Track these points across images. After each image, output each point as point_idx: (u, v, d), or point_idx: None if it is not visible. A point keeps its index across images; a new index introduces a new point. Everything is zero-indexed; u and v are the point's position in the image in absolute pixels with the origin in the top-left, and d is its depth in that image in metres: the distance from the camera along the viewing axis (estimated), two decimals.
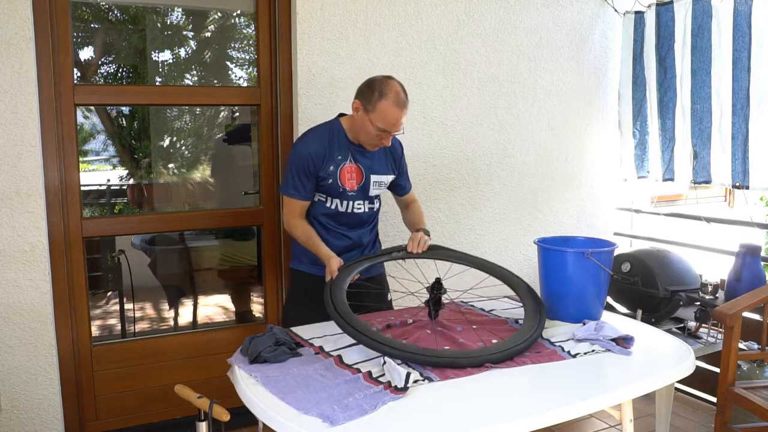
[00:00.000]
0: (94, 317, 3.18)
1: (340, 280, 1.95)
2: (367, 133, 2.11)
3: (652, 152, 3.42)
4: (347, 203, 2.22)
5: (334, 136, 2.18)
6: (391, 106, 2.05)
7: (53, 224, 2.52)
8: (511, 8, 3.20)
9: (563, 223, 3.52)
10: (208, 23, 3.69)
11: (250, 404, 1.52)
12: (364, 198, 2.25)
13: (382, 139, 2.11)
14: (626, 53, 3.48)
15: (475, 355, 1.69)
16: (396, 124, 2.08)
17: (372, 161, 2.23)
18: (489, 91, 3.20)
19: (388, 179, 2.31)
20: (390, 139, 2.15)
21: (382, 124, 2.07)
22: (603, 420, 3.00)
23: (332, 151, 2.16)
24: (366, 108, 2.08)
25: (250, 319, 3.61)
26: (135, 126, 3.80)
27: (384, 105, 2.05)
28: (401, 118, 2.08)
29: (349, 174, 2.19)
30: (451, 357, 1.67)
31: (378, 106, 2.05)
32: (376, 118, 2.06)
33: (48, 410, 2.51)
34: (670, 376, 1.76)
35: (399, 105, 2.06)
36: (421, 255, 2.17)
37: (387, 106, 2.05)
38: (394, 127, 2.08)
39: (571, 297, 2.05)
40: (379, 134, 2.09)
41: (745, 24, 2.84)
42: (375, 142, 2.13)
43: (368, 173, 2.22)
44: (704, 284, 2.90)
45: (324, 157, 2.15)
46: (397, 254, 2.18)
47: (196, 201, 3.84)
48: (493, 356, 1.69)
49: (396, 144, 2.32)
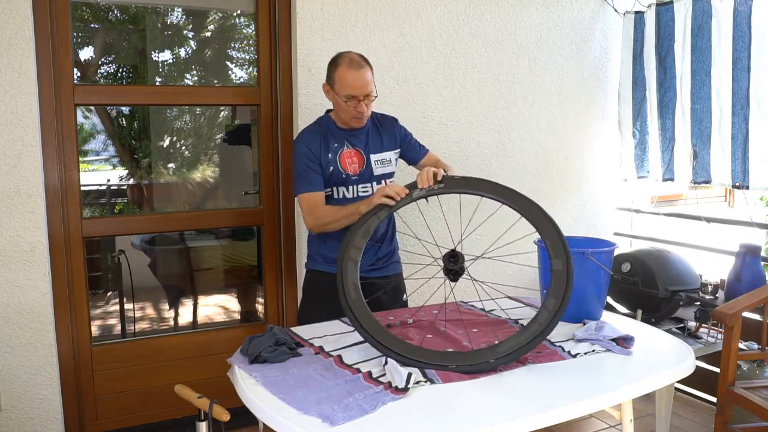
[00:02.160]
0: (94, 317, 3.18)
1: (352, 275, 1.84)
2: (341, 108, 2.17)
3: (652, 152, 3.42)
4: (352, 188, 2.24)
5: (326, 129, 2.25)
6: (346, 70, 2.11)
7: (53, 224, 2.52)
8: (511, 8, 3.20)
9: (563, 223, 3.52)
10: (208, 23, 3.69)
11: (250, 404, 1.52)
12: (370, 180, 2.26)
13: (356, 107, 2.14)
14: (626, 53, 3.48)
15: (484, 358, 1.65)
16: (358, 86, 2.11)
17: (367, 141, 2.27)
18: (489, 91, 3.20)
19: (390, 155, 2.32)
20: (365, 105, 2.15)
21: (346, 90, 2.11)
22: (603, 420, 3.00)
23: (327, 141, 2.22)
24: (330, 85, 2.17)
25: (250, 319, 3.61)
26: (135, 126, 3.80)
27: (340, 72, 2.12)
28: (361, 79, 2.11)
29: (349, 159, 2.22)
30: (461, 362, 1.64)
31: (336, 76, 2.13)
32: (339, 88, 2.13)
33: (48, 410, 2.51)
34: (670, 376, 1.76)
35: (353, 66, 2.11)
36: (444, 190, 1.99)
37: (342, 71, 2.11)
38: (357, 89, 2.11)
39: (571, 297, 2.04)
40: (350, 103, 2.13)
41: (745, 24, 2.84)
42: (353, 113, 2.16)
43: (367, 154, 2.26)
44: (704, 284, 2.90)
45: (320, 146, 2.20)
46: (418, 193, 1.97)
47: (196, 201, 3.84)
48: (502, 359, 1.65)
49: (387, 120, 2.36)
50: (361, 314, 1.75)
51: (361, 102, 2.14)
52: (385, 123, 2.35)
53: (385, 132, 2.32)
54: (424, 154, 2.43)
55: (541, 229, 1.88)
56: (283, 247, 2.96)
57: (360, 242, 1.90)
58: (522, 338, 1.69)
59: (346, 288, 1.80)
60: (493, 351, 1.66)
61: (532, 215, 1.90)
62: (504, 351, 1.66)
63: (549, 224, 1.87)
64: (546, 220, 1.88)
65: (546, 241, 1.85)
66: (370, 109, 2.21)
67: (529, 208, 1.92)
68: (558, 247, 1.82)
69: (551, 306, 1.73)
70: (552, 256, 1.82)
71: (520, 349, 1.66)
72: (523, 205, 1.93)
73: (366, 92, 2.13)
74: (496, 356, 1.64)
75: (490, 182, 1.99)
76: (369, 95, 2.14)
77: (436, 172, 1.98)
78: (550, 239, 1.85)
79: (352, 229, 1.93)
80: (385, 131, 2.32)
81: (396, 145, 2.35)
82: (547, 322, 1.70)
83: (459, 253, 1.85)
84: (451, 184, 2.01)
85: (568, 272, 1.77)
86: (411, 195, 1.98)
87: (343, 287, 1.80)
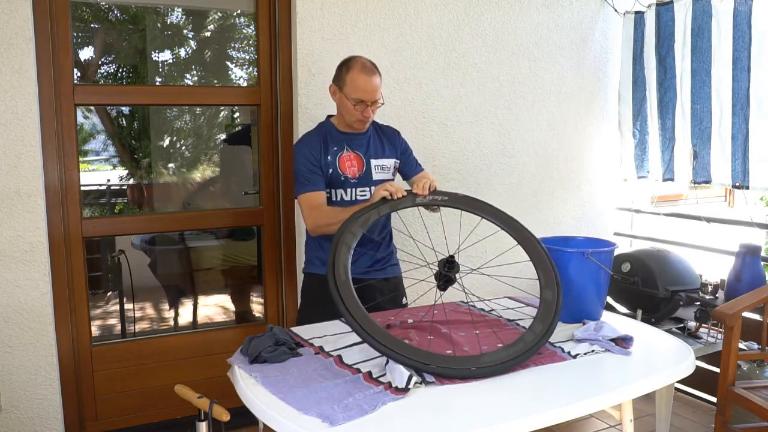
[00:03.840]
0: (94, 317, 3.18)
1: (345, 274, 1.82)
2: (348, 110, 2.19)
3: (652, 152, 3.42)
4: (351, 191, 2.25)
5: (326, 133, 2.27)
6: (358, 74, 2.15)
7: (53, 224, 2.52)
8: (511, 8, 3.20)
9: (563, 223, 3.52)
10: (208, 23, 3.69)
11: (250, 404, 1.52)
12: (369, 184, 2.27)
13: (363, 112, 2.18)
14: (626, 53, 3.48)
15: (467, 365, 1.65)
16: (368, 91, 2.15)
17: (368, 146, 2.29)
18: (489, 91, 3.20)
19: (390, 162, 2.34)
20: (372, 110, 2.20)
21: (356, 93, 2.15)
22: (603, 420, 3.00)
23: (327, 144, 2.24)
24: (339, 87, 2.20)
25: (250, 319, 3.61)
26: (135, 126, 3.80)
27: (352, 75, 2.15)
28: (371, 84, 2.16)
29: (348, 162, 2.24)
30: (443, 365, 1.63)
31: (347, 79, 2.16)
32: (349, 90, 2.16)
33: (48, 410, 2.51)
34: (670, 376, 1.76)
35: (366, 72, 2.16)
36: (446, 203, 2.06)
37: (354, 75, 2.15)
38: (367, 94, 2.15)
39: (571, 297, 2.04)
40: (358, 107, 2.16)
41: (745, 24, 2.84)
42: (358, 117, 2.19)
43: (368, 158, 2.28)
44: (704, 284, 2.90)
45: (320, 149, 2.22)
46: (421, 200, 2.04)
47: (196, 201, 3.84)
48: (483, 370, 1.65)
49: (390, 130, 2.39)
50: (346, 295, 1.74)
51: (369, 107, 2.18)
52: (388, 132, 2.39)
53: (386, 140, 2.36)
54: (418, 172, 2.45)
55: (536, 260, 1.96)
56: (283, 247, 2.96)
57: (357, 230, 1.89)
58: (506, 353, 1.69)
59: (336, 268, 1.78)
60: (477, 360, 1.65)
61: (530, 246, 1.98)
62: (487, 362, 1.66)
63: (544, 256, 1.95)
64: (542, 252, 1.96)
65: (539, 272, 1.92)
66: (375, 115, 2.25)
67: (527, 239, 2.00)
68: (551, 280, 1.89)
69: (538, 330, 1.77)
70: (543, 286, 1.89)
71: (503, 364, 1.66)
72: (522, 234, 2.01)
73: (375, 98, 2.18)
74: (478, 365, 1.64)
75: (492, 207, 2.08)
76: (377, 101, 2.20)
77: (432, 183, 2.08)
78: (543, 271, 1.91)
79: (351, 216, 1.93)
80: (387, 139, 2.36)
81: (396, 155, 2.37)
82: (532, 344, 1.73)
83: (456, 261, 1.88)
84: (455, 199, 2.08)
85: (557, 304, 1.84)
86: (414, 199, 2.04)
87: (333, 267, 1.77)
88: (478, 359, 1.66)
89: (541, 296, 1.86)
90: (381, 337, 1.63)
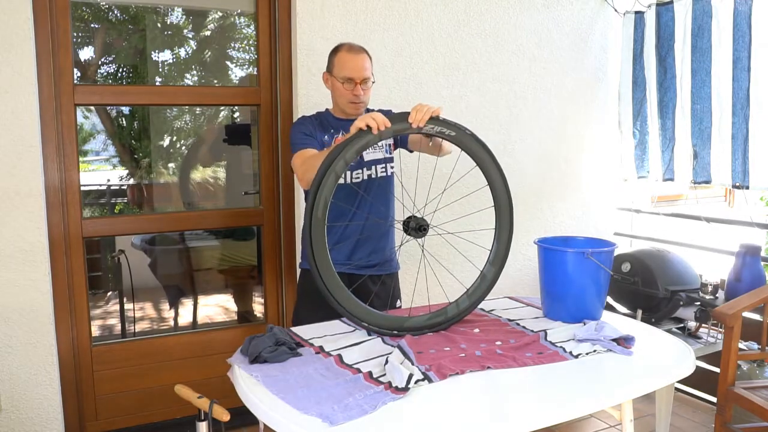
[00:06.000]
0: (94, 317, 3.18)
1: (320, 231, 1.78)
2: (339, 93, 2.21)
3: (652, 152, 3.42)
4: (345, 174, 2.22)
5: (323, 118, 2.31)
6: (345, 53, 2.19)
7: (53, 224, 2.52)
8: (511, 8, 3.20)
9: (563, 223, 3.52)
10: (208, 23, 3.69)
11: (250, 404, 1.52)
12: (361, 166, 2.25)
13: (353, 90, 2.19)
14: (626, 53, 3.48)
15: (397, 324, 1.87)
16: (355, 68, 2.17)
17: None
18: (489, 91, 3.20)
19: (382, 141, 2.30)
20: (363, 90, 2.19)
21: (343, 71, 2.17)
22: (603, 420, 3.00)
23: (324, 127, 2.27)
24: (330, 71, 2.24)
25: (250, 319, 3.61)
26: (135, 126, 3.80)
27: (339, 56, 2.20)
28: (358, 61, 2.17)
29: None
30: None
31: (335, 61, 2.21)
32: (338, 71, 2.19)
33: (48, 410, 2.51)
34: (670, 376, 1.76)
35: (352, 51, 2.20)
36: (445, 135, 2.00)
37: (341, 54, 2.20)
38: (354, 71, 2.17)
39: (571, 297, 2.04)
40: (347, 86, 2.18)
41: (745, 24, 2.84)
42: (349, 97, 2.20)
43: None
44: (704, 284, 2.90)
45: (316, 128, 2.24)
46: (410, 129, 1.89)
47: (196, 201, 3.84)
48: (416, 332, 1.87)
49: (382, 111, 2.32)
50: (317, 237, 1.76)
51: (358, 85, 2.18)
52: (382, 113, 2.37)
53: None
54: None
55: (500, 231, 2.02)
56: (283, 247, 2.96)
57: (352, 157, 1.79)
58: (431, 320, 1.92)
59: (317, 202, 1.73)
60: (406, 320, 1.88)
61: (502, 217, 2.03)
62: (412, 325, 1.89)
63: (508, 233, 2.03)
64: (508, 229, 2.03)
65: (496, 244, 2.01)
66: (368, 96, 2.24)
67: (503, 207, 2.03)
68: (500, 257, 1.98)
69: (463, 307, 1.97)
70: (489, 261, 1.98)
71: (423, 328, 1.90)
72: (500, 203, 2.04)
73: (363, 76, 2.18)
74: (407, 323, 1.87)
75: (497, 166, 2.10)
76: (366, 80, 2.20)
77: (432, 110, 1.86)
78: (498, 245, 2.01)
79: (345, 142, 1.80)
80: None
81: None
82: (454, 319, 1.95)
83: (414, 216, 1.93)
84: (461, 137, 2.05)
85: (491, 283, 1.99)
86: (410, 125, 1.85)
87: (314, 200, 1.72)
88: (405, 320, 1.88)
89: (483, 270, 1.96)
90: (333, 287, 1.79)
